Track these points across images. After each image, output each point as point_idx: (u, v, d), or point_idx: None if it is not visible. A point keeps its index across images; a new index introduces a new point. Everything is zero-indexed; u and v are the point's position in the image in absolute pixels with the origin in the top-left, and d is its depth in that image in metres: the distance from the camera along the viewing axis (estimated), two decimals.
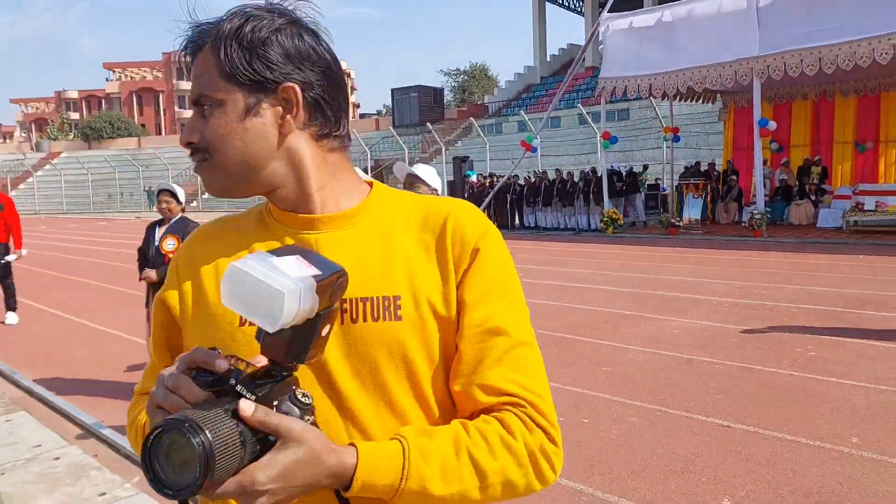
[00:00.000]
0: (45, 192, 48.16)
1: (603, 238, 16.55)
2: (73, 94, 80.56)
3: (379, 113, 68.87)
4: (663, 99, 17.95)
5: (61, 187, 47.48)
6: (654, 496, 3.36)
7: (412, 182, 3.81)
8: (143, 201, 42.98)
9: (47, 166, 51.57)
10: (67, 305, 9.37)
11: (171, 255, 4.88)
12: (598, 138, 19.60)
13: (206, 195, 43.15)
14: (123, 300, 9.53)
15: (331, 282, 0.79)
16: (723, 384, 5.01)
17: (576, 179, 18.79)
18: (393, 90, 42.45)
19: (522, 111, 32.75)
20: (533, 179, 19.78)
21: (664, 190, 21.07)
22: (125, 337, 7.28)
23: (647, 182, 22.07)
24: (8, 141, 78.05)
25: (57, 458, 4.14)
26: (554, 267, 11.80)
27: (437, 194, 3.58)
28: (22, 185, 49.33)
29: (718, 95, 19.28)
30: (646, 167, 22.59)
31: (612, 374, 5.38)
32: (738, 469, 3.62)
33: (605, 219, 17.37)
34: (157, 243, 5.02)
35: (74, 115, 75.58)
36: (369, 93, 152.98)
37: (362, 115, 78.29)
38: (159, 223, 5.15)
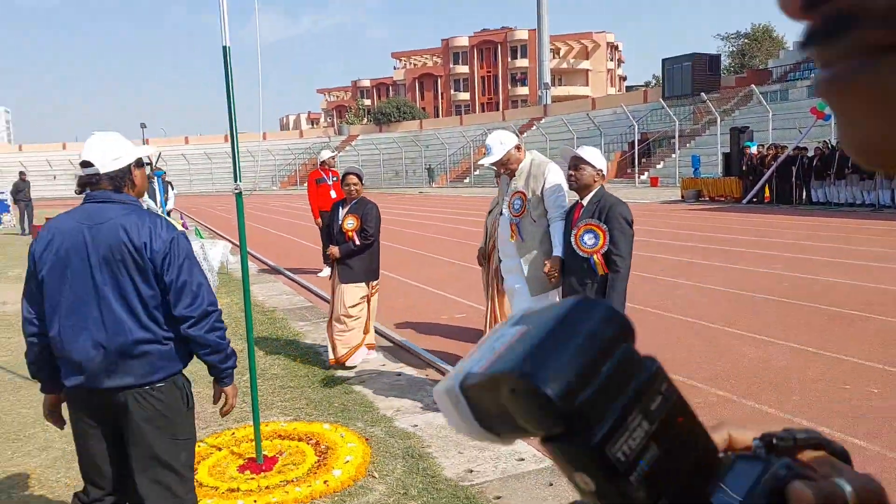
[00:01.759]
0: None
1: None
2: (366, 83, 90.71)
3: (647, 84, 66.65)
4: None
5: (361, 166, 54.17)
6: None
7: (576, 164, 3.70)
8: (425, 178, 47.30)
9: (347, 148, 59.17)
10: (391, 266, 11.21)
11: (351, 234, 5.27)
12: None
13: (477, 171, 46.08)
14: (423, 261, 11.17)
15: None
16: None
17: None
18: (664, 60, 40.92)
19: (814, 74, 29.54)
20: (824, 150, 18.04)
21: None
22: (428, 289, 8.65)
23: None
24: (315, 126, 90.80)
25: (398, 375, 5.34)
26: (842, 244, 10.93)
27: (603, 174, 3.72)
28: None
29: None
30: None
31: None
32: None
33: None
34: (339, 222, 5.35)
35: (367, 102, 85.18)
36: (639, 64, 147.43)
37: (629, 88, 76.39)
38: (342, 203, 5.48)
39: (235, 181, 3.43)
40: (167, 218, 3.00)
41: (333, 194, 9.26)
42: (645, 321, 6.51)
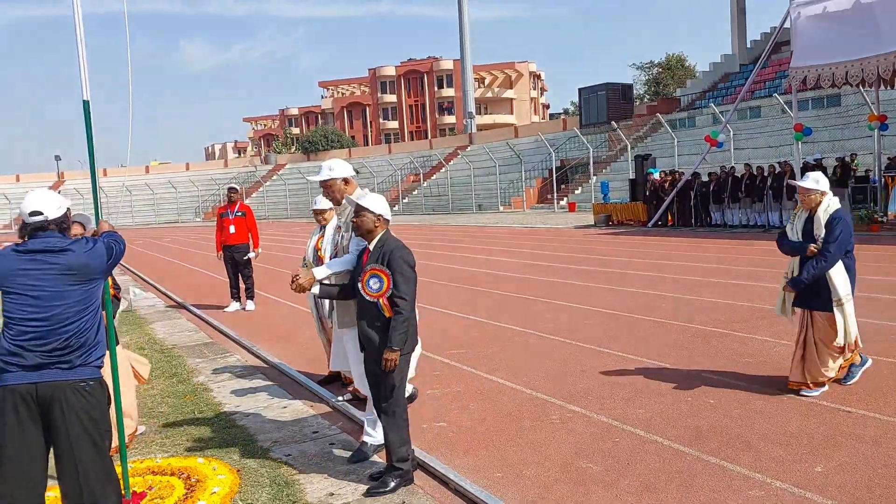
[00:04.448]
0: (273, 200, 54.88)
1: None
2: (294, 112, 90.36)
3: (566, 112, 68.93)
4: (863, 86, 16.64)
5: (286, 195, 53.82)
6: (754, 462, 3.86)
7: (357, 211, 3.88)
8: None
9: (274, 177, 58.65)
10: (294, 295, 11.30)
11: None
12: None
13: (406, 199, 46.44)
14: None
15: None
16: (861, 378, 5.18)
17: (765, 174, 18.02)
18: (580, 89, 42.60)
19: (713, 103, 31.43)
20: (720, 175, 19.25)
21: (874, 182, 19.33)
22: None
23: (856, 173, 20.34)
24: (242, 155, 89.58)
25: (284, 408, 5.52)
26: (725, 265, 11.75)
27: (384, 218, 3.89)
28: (255, 194, 56.63)
29: None
30: (853, 157, 20.83)
31: (751, 364, 5.74)
32: (841, 445, 3.97)
33: None
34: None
35: (295, 130, 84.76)
36: (563, 92, 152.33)
37: (552, 116, 78.83)
38: None
39: (98, 219, 3.61)
40: None
41: (233, 229, 9.38)
42: (524, 343, 6.91)
